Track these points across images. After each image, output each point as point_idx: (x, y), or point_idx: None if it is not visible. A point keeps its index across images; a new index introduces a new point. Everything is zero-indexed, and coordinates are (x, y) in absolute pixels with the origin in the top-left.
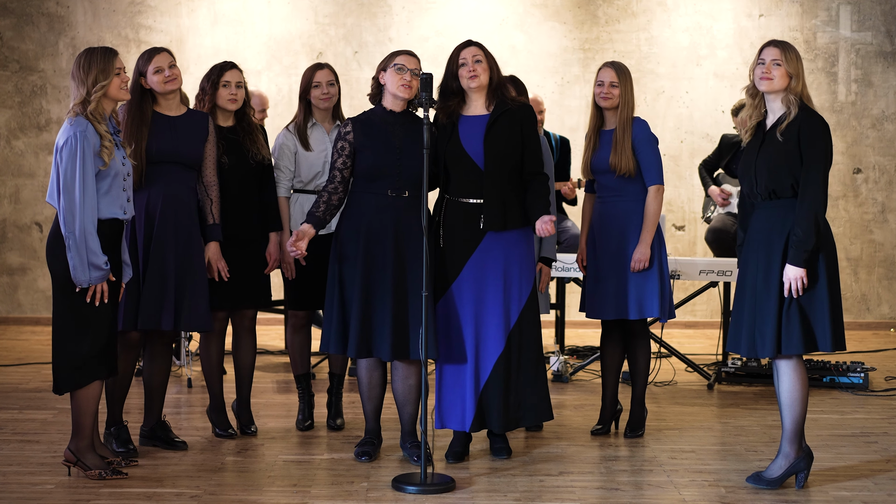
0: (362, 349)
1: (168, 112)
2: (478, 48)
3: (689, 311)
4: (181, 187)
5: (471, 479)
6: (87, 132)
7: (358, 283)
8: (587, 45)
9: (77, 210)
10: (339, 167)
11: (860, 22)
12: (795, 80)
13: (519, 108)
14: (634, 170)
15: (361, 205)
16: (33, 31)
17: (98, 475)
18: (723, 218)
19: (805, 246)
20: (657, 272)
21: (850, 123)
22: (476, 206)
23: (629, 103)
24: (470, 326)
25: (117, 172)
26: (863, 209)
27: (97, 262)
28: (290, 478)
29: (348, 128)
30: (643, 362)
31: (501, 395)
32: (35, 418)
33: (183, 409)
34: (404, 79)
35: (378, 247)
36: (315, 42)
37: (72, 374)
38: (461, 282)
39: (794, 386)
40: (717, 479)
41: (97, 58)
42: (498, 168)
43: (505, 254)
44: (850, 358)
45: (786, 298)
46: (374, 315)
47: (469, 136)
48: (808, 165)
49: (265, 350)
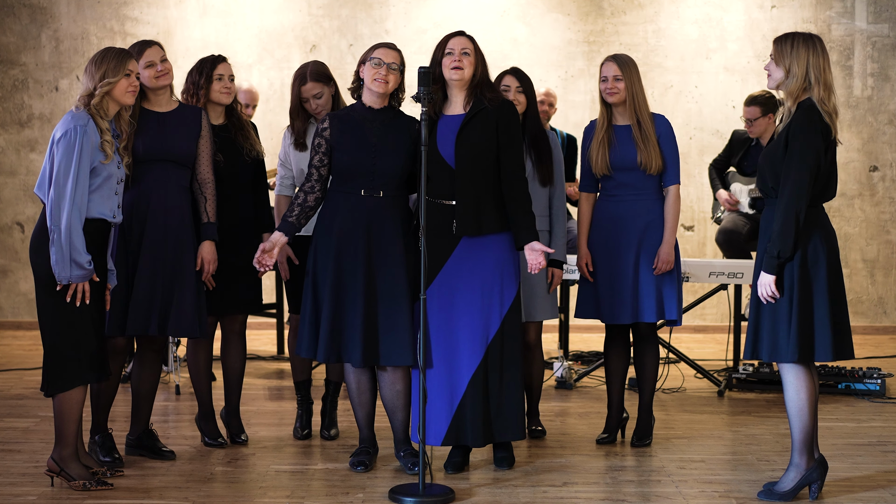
0: (332, 353)
1: (158, 108)
2: (468, 40)
3: (699, 314)
4: (172, 187)
5: (471, 489)
6: (88, 127)
7: (328, 286)
8: (592, 37)
9: (66, 204)
10: (316, 165)
11: (877, 13)
12: (788, 74)
13: (497, 106)
14: (662, 166)
15: (336, 204)
16: (14, 22)
17: (82, 486)
18: (734, 218)
19: (771, 251)
20: (676, 273)
21: (867, 119)
22: (450, 208)
23: (638, 95)
24: (441, 335)
25: (111, 175)
26: (879, 208)
27: (80, 259)
28: (283, 489)
29: (325, 124)
30: (651, 368)
31: (480, 408)
32: (16, 426)
33: (171, 417)
34: (379, 73)
35: (349, 248)
36: (308, 34)
37: (58, 377)
38: (433, 288)
39: (799, 394)
40: (727, 490)
41: (111, 55)
42: (470, 169)
43: (483, 259)
44: (867, 364)
45: (784, 304)
46: (344, 319)
47: (444, 136)
48: (786, 170)
49: (256, 355)
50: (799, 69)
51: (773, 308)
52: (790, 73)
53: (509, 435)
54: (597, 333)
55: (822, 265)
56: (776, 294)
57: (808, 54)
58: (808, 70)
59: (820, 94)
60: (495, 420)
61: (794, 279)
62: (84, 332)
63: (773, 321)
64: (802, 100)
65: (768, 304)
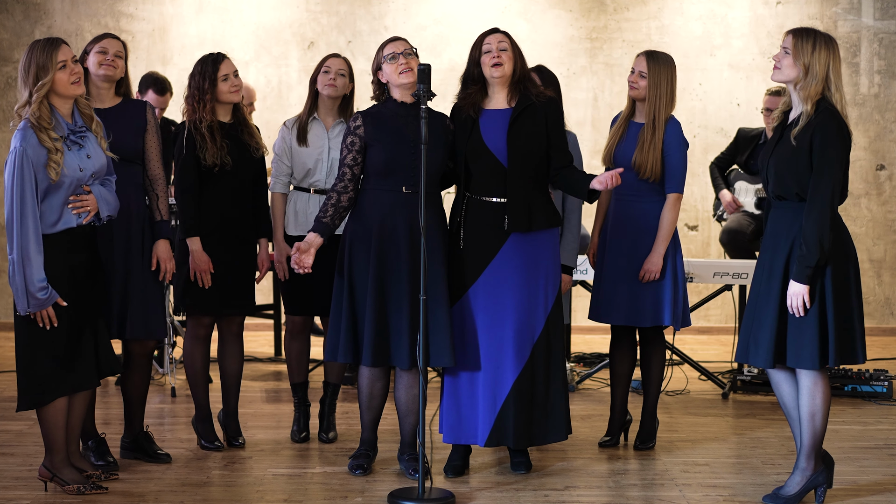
0: (378, 357)
1: (100, 104)
2: (504, 36)
3: (703, 315)
4: (127, 185)
5: (472, 493)
6: (29, 147)
7: (371, 288)
8: (594, 34)
9: (15, 233)
10: (349, 164)
11: (884, 9)
12: (807, 73)
13: (544, 102)
14: (660, 174)
15: (374, 203)
16: (7, 19)
17: (76, 490)
18: (738, 218)
19: (808, 262)
20: (671, 280)
21: (873, 117)
22: (499, 206)
23: (660, 98)
24: (486, 334)
25: (74, 180)
26: (886, 208)
27: (32, 289)
28: (281, 492)
29: (358, 121)
30: (656, 371)
31: (525, 409)
32: (9, 429)
33: (166, 420)
34: (400, 64)
35: (392, 248)
36: (306, 31)
37: (33, 391)
38: (479, 286)
39: (814, 399)
40: (732, 493)
41: (37, 52)
42: (521, 165)
43: (529, 257)
44: (874, 366)
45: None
46: (390, 321)
47: (491, 131)
48: (817, 176)
49: (253, 357)
50: (820, 70)
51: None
52: (810, 73)
53: (553, 437)
54: (599, 335)
55: (850, 270)
56: (809, 304)
57: (829, 58)
58: (828, 73)
59: (837, 99)
60: (542, 422)
61: (822, 285)
62: (56, 343)
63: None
64: (818, 101)
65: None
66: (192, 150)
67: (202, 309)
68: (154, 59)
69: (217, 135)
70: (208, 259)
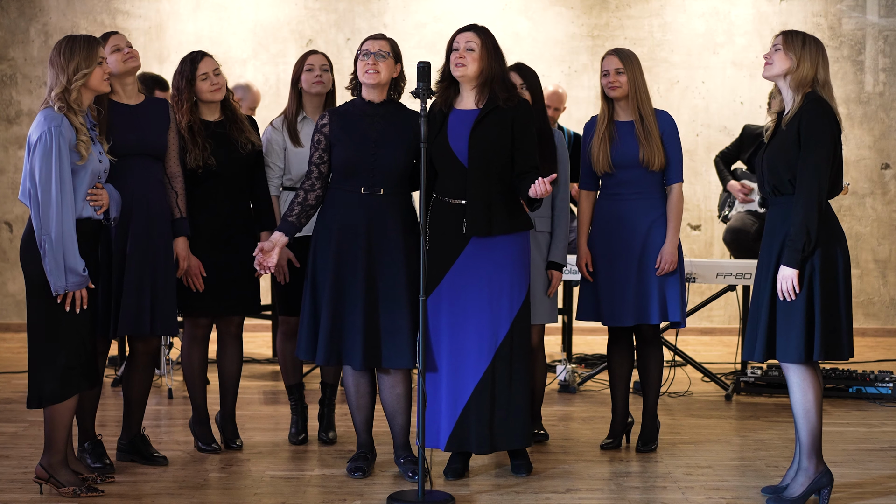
0: (331, 356)
1: (127, 101)
2: (474, 34)
3: (706, 316)
4: (152, 182)
5: (471, 496)
6: (62, 127)
7: (328, 287)
8: (596, 31)
9: (54, 211)
10: (316, 162)
11: (889, 7)
12: (798, 64)
13: (513, 106)
14: (665, 164)
15: (335, 202)
16: (2, 16)
17: (72, 492)
18: (742, 217)
19: (796, 245)
20: (678, 275)
21: (878, 115)
22: (460, 208)
23: (641, 90)
24: (447, 338)
25: (93, 170)
26: (891, 207)
27: (76, 266)
28: (279, 495)
29: (325, 119)
30: (655, 371)
31: (485, 414)
32: (4, 431)
33: (163, 422)
34: (367, 64)
35: (349, 248)
36: (304, 28)
37: (53, 387)
38: (442, 288)
39: (805, 395)
40: (735, 496)
41: (80, 45)
42: (483, 168)
43: (492, 260)
44: (878, 367)
45: (780, 301)
46: (344, 320)
47: (455, 132)
48: (804, 159)
49: (251, 358)
50: (810, 61)
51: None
52: (801, 64)
53: (515, 443)
54: (600, 336)
55: (839, 263)
56: (797, 289)
57: (818, 55)
58: (817, 69)
59: (827, 94)
60: (501, 427)
61: (810, 278)
62: (76, 337)
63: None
64: (807, 93)
65: (763, 300)
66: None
67: (198, 309)
68: (151, 57)
69: (199, 136)
70: (198, 262)
